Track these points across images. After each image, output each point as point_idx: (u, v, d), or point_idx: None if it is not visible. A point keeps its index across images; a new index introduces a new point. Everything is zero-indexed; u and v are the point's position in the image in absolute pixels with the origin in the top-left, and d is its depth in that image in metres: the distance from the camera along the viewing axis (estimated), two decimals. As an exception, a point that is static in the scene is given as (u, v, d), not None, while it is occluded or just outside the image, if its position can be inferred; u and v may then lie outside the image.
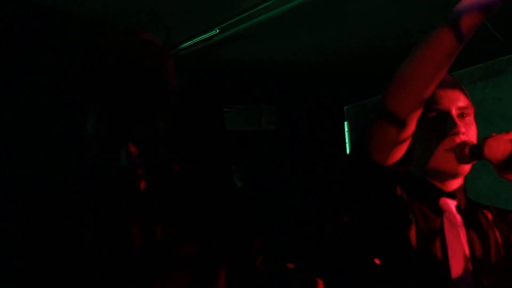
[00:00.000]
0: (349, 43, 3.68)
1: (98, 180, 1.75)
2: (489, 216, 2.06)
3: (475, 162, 1.94)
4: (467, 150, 1.91)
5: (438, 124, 1.98)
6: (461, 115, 2.00)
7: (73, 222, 1.71)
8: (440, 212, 2.01)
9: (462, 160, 1.93)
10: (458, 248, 1.94)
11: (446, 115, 1.98)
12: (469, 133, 1.98)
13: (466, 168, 1.96)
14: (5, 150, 2.86)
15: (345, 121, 4.34)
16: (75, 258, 1.67)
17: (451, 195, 2.03)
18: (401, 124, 1.78)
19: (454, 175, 2.00)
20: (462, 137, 1.95)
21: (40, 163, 2.88)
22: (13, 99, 2.90)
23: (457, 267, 1.92)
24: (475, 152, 1.89)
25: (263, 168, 4.18)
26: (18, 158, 2.88)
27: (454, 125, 1.96)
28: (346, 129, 4.32)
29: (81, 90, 1.63)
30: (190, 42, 3.45)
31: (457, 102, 2.00)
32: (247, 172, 4.10)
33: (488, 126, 1.94)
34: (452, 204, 2.02)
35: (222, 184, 1.81)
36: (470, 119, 2.02)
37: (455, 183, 2.04)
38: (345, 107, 4.34)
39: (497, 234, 2.04)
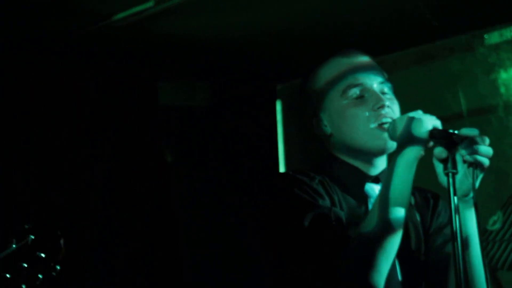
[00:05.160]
0: (283, 22, 3.67)
1: None
2: (413, 199, 2.05)
3: None
4: None
5: (362, 101, 1.97)
6: (383, 91, 2.00)
7: None
8: (365, 198, 2.00)
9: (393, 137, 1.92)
10: None
11: (368, 91, 1.98)
12: (393, 107, 1.99)
13: (394, 144, 1.93)
14: None
15: (277, 99, 4.35)
16: None
17: (376, 179, 2.02)
18: None
19: (382, 152, 1.99)
20: (388, 110, 1.96)
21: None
22: None
23: None
24: None
25: (196, 144, 4.17)
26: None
27: (378, 99, 1.96)
28: (278, 108, 4.33)
29: None
30: (125, 14, 3.37)
31: (377, 78, 2.01)
32: (179, 148, 4.08)
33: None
34: (376, 189, 1.99)
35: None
36: (391, 95, 2.03)
37: (380, 165, 2.03)
38: (277, 86, 4.34)
39: (420, 218, 2.04)
